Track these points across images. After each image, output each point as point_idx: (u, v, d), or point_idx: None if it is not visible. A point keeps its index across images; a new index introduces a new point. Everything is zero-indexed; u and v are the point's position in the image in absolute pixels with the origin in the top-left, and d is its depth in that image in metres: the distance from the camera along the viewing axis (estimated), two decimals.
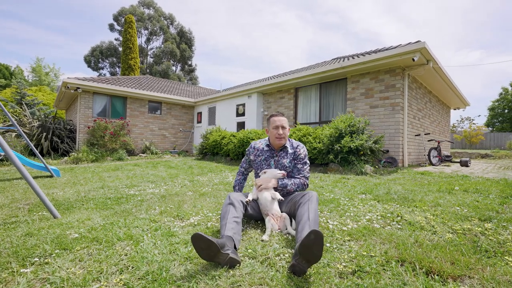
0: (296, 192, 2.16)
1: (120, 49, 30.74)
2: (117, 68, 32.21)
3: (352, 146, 4.88)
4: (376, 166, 5.16)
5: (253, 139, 6.90)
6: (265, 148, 2.29)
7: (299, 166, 2.19)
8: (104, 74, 32.23)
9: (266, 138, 2.35)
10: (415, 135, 6.97)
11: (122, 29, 29.34)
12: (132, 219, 2.20)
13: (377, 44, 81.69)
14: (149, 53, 33.80)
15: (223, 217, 1.70)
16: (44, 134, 8.61)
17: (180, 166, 6.70)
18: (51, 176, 4.93)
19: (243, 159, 2.49)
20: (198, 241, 1.35)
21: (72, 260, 1.46)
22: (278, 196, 1.95)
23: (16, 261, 1.44)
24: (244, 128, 9.63)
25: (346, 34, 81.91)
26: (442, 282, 1.27)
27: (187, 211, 2.44)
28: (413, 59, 5.40)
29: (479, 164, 7.43)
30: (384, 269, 1.38)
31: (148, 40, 33.26)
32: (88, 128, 9.16)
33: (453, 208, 2.41)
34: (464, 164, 6.49)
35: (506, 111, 27.53)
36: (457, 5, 63.49)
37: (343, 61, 7.12)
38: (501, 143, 17.86)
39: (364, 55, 6.63)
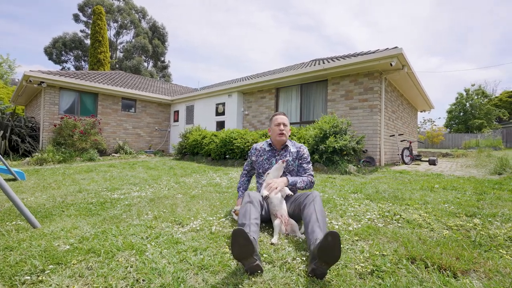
0: (299, 193, 2.17)
1: (86, 41, 28.69)
2: (83, 62, 30.00)
3: (336, 146, 5.03)
4: (359, 166, 5.36)
5: (236, 139, 6.82)
6: (267, 148, 2.33)
7: (305, 165, 2.24)
8: (68, 68, 29.85)
9: (268, 140, 2.37)
10: (390, 136, 7.38)
11: (89, 21, 27.47)
12: (126, 226, 2.04)
13: (347, 47, 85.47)
14: (118, 47, 31.98)
15: (244, 216, 1.67)
16: (2, 132, 7.74)
17: (159, 166, 6.41)
18: (15, 180, 4.44)
19: (246, 162, 2.51)
20: (239, 237, 1.29)
21: (70, 276, 1.30)
22: (287, 191, 1.93)
23: (1, 281, 1.25)
24: (224, 127, 9.49)
25: (319, 36, 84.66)
26: (453, 277, 1.33)
27: (183, 216, 2.32)
28: (391, 64, 5.69)
29: (444, 163, 8.07)
30: (398, 267, 1.42)
31: (117, 34, 31.45)
32: (55, 126, 8.40)
33: (441, 205, 2.58)
34: (432, 163, 7.01)
35: (461, 114, 30.34)
36: (422, 14, 69.76)
37: (323, 63, 7.31)
38: (458, 143, 19.67)
39: (344, 58, 6.86)
